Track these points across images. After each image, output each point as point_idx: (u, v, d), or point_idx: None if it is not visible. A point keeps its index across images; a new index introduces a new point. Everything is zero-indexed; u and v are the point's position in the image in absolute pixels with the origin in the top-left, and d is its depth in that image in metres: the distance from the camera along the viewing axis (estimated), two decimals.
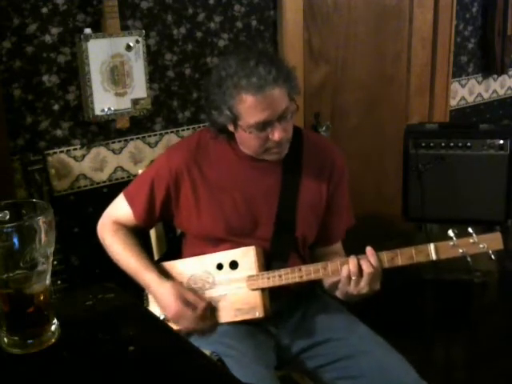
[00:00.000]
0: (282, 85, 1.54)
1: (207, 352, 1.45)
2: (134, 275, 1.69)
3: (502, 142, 2.67)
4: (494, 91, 3.52)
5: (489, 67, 3.41)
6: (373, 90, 3.00)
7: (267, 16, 2.51)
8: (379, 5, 2.93)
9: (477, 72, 3.40)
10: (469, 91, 3.39)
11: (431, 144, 2.73)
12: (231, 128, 1.62)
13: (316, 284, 1.77)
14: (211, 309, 1.64)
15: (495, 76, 3.48)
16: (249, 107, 1.53)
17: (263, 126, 1.55)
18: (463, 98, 3.37)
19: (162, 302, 1.66)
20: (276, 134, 1.55)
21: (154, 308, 1.71)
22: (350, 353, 1.62)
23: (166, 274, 1.70)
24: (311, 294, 1.79)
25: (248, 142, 1.61)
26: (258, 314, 1.62)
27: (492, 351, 2.61)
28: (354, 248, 1.75)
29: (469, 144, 2.70)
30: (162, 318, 1.67)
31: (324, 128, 2.75)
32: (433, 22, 3.12)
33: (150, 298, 1.74)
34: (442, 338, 2.72)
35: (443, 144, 2.73)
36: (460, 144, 2.71)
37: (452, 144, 2.72)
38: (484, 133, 2.73)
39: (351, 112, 2.96)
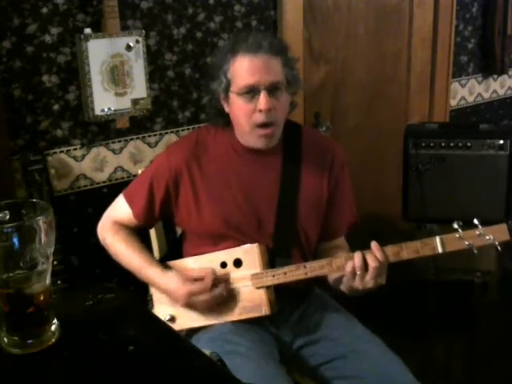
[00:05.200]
0: (276, 55, 1.59)
1: (207, 352, 1.45)
2: (137, 272, 1.70)
3: (501, 142, 2.66)
4: (494, 91, 3.52)
5: (489, 67, 3.40)
6: (373, 89, 3.00)
7: (267, 16, 2.51)
8: (379, 5, 2.93)
9: (477, 72, 3.40)
10: (469, 91, 3.39)
11: (431, 144, 2.72)
12: (226, 108, 1.64)
13: (314, 283, 1.77)
14: (220, 288, 1.64)
15: (495, 76, 3.48)
16: (240, 68, 1.58)
17: (252, 90, 1.57)
18: (463, 98, 3.37)
19: (169, 290, 1.66)
20: (262, 102, 1.56)
21: (159, 310, 1.71)
22: (345, 352, 1.62)
23: (168, 269, 1.71)
24: (310, 293, 1.79)
25: (238, 113, 1.62)
26: (265, 311, 1.62)
27: (492, 351, 2.61)
28: (354, 248, 1.75)
29: (469, 144, 2.70)
30: (167, 319, 1.67)
31: (324, 128, 2.75)
32: (433, 21, 3.11)
33: (155, 300, 1.74)
34: (443, 337, 2.72)
35: (443, 144, 2.72)
36: (460, 144, 2.71)
37: (452, 144, 2.72)
38: (484, 133, 2.73)
39: (351, 112, 2.96)
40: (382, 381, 1.55)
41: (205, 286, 1.61)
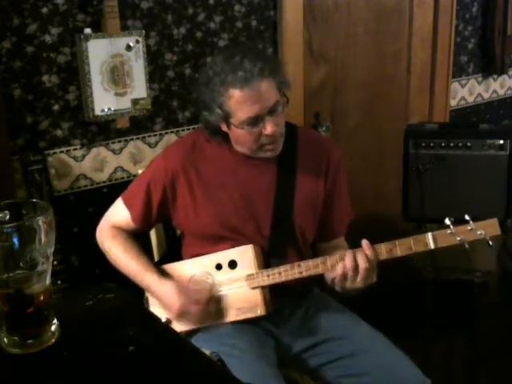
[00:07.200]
0: (268, 77, 1.54)
1: (207, 352, 1.45)
2: (134, 277, 1.70)
3: (501, 142, 2.66)
4: (494, 91, 3.52)
5: (489, 67, 3.41)
6: (373, 90, 3.00)
7: (267, 16, 2.51)
8: (379, 5, 2.93)
9: (477, 72, 3.40)
10: (469, 91, 3.39)
11: (431, 144, 2.73)
12: (224, 128, 1.62)
13: (314, 283, 1.77)
14: (214, 304, 1.65)
15: (495, 76, 3.48)
16: (238, 102, 1.53)
17: (255, 120, 1.55)
18: (463, 98, 3.37)
19: (164, 300, 1.66)
20: (268, 128, 1.55)
21: (155, 311, 1.71)
22: (352, 351, 1.63)
23: (166, 277, 1.70)
24: (312, 294, 1.79)
25: (242, 139, 1.61)
26: (260, 311, 1.62)
27: (492, 351, 2.61)
28: (354, 248, 1.76)
29: (469, 144, 2.70)
30: (163, 321, 1.67)
31: (324, 128, 2.75)
32: (433, 21, 3.11)
33: (151, 301, 1.74)
34: (443, 337, 2.72)
35: (443, 144, 2.73)
36: (460, 144, 2.71)
37: (452, 144, 2.72)
38: (484, 133, 2.73)
39: (351, 112, 2.96)
40: (390, 377, 1.56)
41: (199, 309, 1.62)
